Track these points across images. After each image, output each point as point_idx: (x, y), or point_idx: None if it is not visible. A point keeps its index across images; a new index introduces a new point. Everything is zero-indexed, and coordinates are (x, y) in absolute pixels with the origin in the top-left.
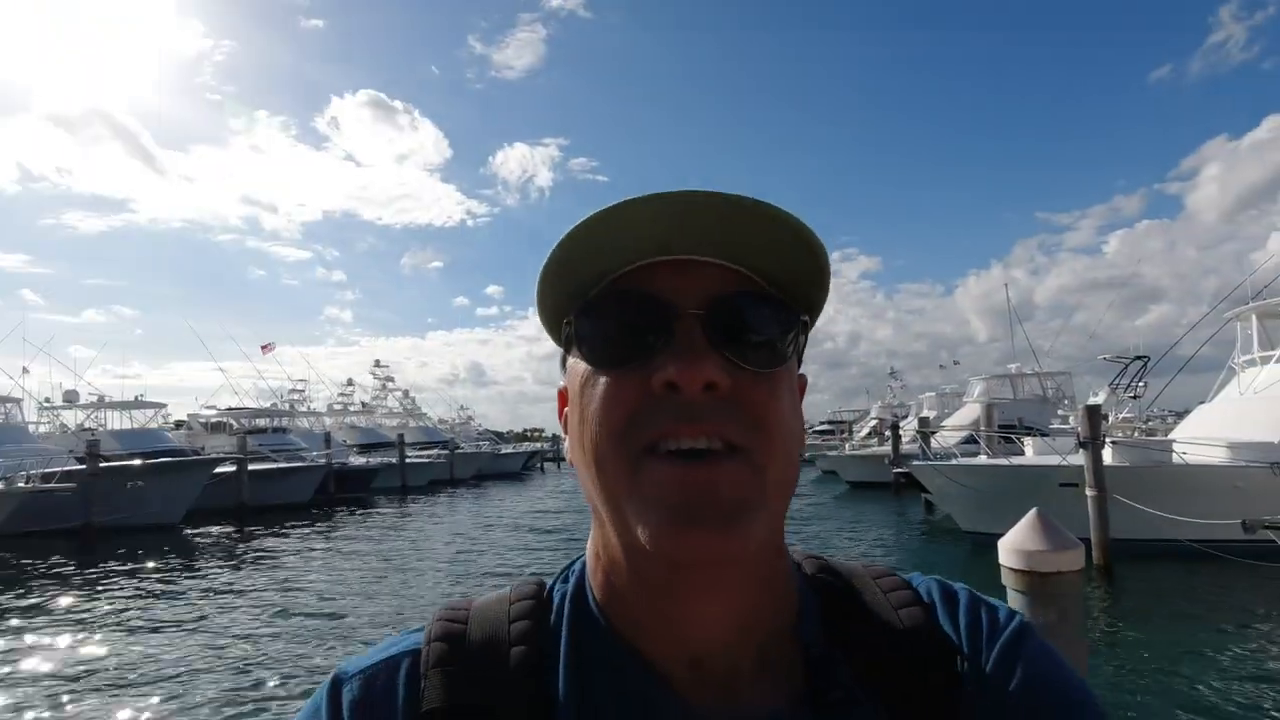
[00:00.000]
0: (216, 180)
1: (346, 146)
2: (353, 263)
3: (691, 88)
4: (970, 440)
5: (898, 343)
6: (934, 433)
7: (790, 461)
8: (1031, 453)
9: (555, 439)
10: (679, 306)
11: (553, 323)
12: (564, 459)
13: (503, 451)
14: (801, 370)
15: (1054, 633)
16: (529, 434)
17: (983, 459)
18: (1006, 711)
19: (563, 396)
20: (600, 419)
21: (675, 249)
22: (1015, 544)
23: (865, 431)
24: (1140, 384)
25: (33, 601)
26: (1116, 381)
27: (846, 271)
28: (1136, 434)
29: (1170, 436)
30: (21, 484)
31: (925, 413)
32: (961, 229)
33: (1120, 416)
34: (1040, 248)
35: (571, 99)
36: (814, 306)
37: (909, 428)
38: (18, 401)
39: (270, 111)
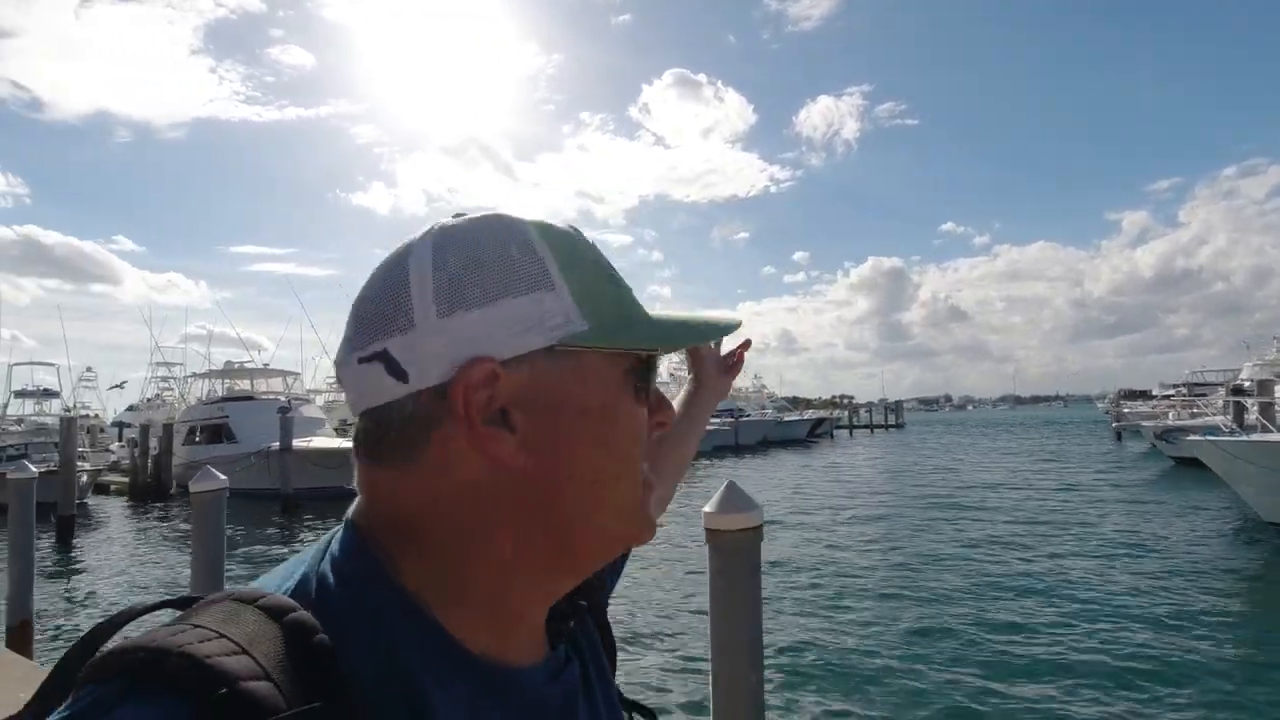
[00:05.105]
0: (556, 181)
1: (656, 130)
2: (668, 241)
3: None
4: None
5: None
6: None
7: None
8: None
9: (851, 404)
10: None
11: (644, 340)
12: (860, 425)
13: (787, 419)
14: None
15: (720, 578)
16: (838, 399)
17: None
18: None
19: (486, 370)
20: (630, 448)
21: None
22: (707, 506)
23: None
24: None
25: None
26: None
27: (1247, 189)
28: None
29: None
30: None
31: None
32: None
33: None
34: None
35: (874, 40)
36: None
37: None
38: None
39: (591, 111)
